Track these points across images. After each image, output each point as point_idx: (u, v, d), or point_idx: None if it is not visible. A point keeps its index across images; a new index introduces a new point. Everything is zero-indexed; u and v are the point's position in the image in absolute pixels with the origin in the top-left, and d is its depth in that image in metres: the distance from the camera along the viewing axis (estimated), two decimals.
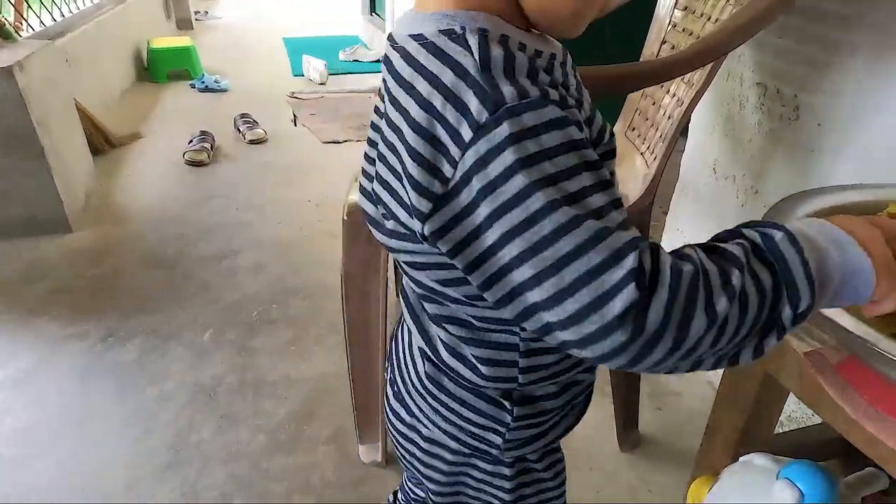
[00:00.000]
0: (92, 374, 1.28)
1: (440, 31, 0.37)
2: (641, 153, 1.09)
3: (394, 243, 0.43)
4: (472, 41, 0.35)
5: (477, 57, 0.34)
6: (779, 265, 0.33)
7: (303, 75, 3.63)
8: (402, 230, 0.40)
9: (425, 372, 0.51)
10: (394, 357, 0.58)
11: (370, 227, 0.46)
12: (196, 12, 5.09)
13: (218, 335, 1.40)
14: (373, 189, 0.43)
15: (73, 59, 2.43)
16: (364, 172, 0.46)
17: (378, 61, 3.35)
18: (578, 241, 0.31)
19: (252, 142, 2.62)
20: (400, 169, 0.37)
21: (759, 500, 0.60)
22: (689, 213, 1.37)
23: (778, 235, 0.34)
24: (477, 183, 0.33)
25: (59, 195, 1.75)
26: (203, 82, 3.37)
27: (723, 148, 1.22)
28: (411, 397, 0.54)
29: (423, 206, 0.35)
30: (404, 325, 0.55)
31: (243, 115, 2.79)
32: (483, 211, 0.33)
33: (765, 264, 0.33)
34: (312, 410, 1.20)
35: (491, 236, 0.33)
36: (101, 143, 2.37)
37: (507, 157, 0.32)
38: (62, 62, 1.99)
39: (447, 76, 0.35)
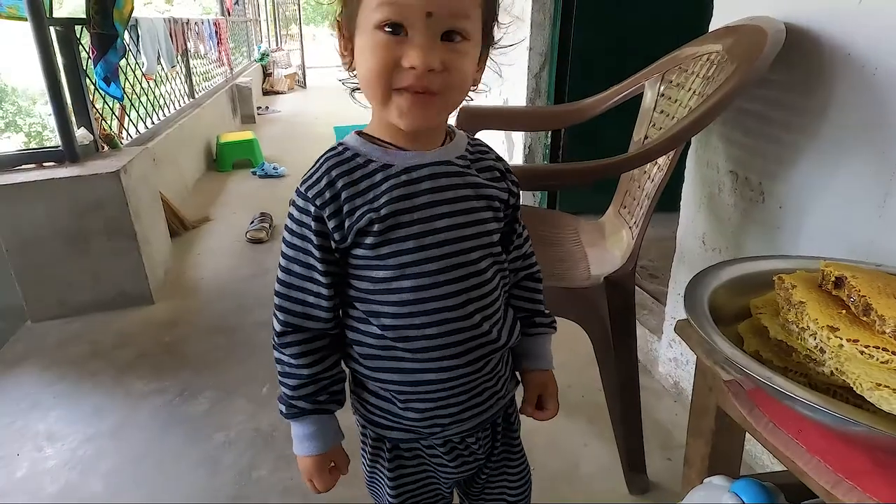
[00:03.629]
0: (170, 423, 1.50)
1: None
2: (630, 227, 1.29)
3: None
4: (331, 148, 0.62)
5: (323, 158, 0.61)
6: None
7: None
8: None
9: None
10: None
11: None
12: (258, 108, 5.72)
13: (273, 389, 1.61)
14: None
15: (158, 159, 2.87)
16: None
17: None
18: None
19: None
20: None
21: None
22: (686, 280, 1.52)
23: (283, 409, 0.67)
24: None
25: (145, 273, 2.06)
26: (263, 169, 3.79)
27: (708, 224, 1.40)
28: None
29: None
30: None
31: None
32: None
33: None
34: (353, 449, 1.37)
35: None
36: (178, 226, 2.75)
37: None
38: (151, 162, 2.38)
39: None
